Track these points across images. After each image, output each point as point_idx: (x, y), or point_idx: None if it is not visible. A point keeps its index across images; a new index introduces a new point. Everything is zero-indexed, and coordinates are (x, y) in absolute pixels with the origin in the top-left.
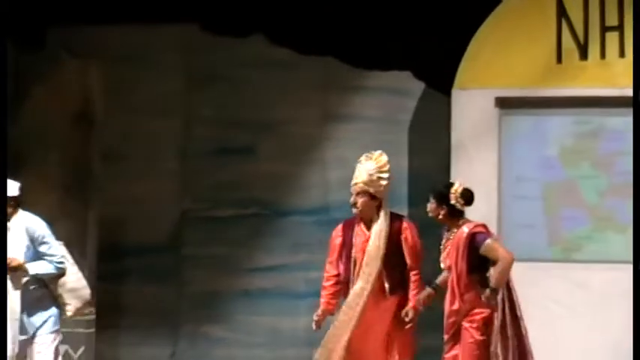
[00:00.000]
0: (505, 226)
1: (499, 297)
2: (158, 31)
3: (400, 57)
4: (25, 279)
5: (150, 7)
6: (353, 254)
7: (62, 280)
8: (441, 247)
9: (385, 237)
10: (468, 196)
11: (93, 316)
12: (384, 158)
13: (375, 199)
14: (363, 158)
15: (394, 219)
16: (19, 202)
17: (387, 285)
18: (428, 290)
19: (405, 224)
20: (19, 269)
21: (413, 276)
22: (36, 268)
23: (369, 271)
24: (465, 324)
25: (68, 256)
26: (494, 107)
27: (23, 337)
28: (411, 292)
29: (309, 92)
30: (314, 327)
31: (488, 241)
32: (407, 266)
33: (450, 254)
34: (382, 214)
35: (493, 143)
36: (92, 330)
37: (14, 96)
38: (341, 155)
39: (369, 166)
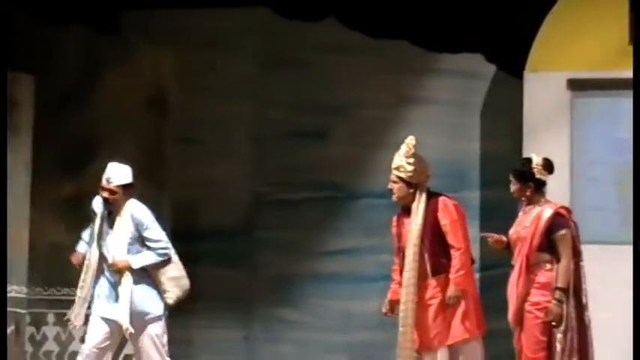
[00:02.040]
0: (577, 208)
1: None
2: (230, 15)
3: (472, 40)
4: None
5: None
6: (402, 242)
7: (164, 268)
8: (516, 220)
9: (422, 218)
10: (549, 165)
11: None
12: (411, 143)
13: (410, 185)
14: (402, 146)
15: (430, 198)
16: (131, 191)
17: (428, 267)
18: (490, 235)
19: (440, 202)
20: (125, 269)
21: (454, 254)
22: (140, 261)
23: (411, 257)
24: (528, 307)
25: (170, 244)
26: (566, 90)
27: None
28: (451, 271)
29: (382, 76)
30: (385, 313)
31: (565, 231)
32: (436, 237)
33: (525, 228)
34: (418, 197)
35: (565, 126)
36: (166, 312)
37: (88, 80)
38: (416, 137)
39: (400, 152)
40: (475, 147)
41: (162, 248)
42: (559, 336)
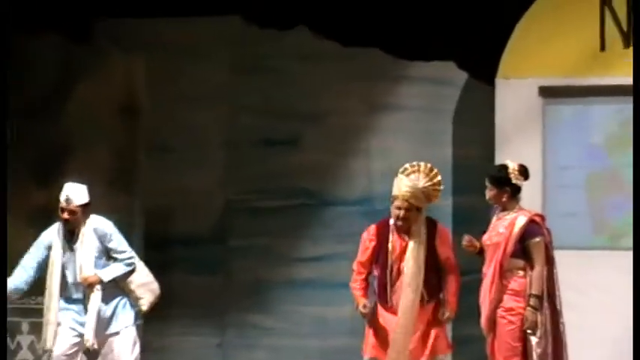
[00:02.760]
0: (549, 214)
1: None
2: (203, 23)
3: (443, 47)
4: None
5: None
6: (390, 259)
7: (132, 277)
8: (490, 226)
9: (424, 248)
10: (525, 171)
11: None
12: (438, 175)
13: (420, 210)
14: (408, 169)
15: (429, 225)
16: (88, 208)
17: (425, 293)
18: (473, 240)
19: (439, 229)
20: (95, 283)
21: (451, 279)
22: (109, 274)
23: (415, 283)
24: (501, 313)
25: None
26: (537, 96)
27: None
28: (450, 295)
29: (354, 83)
30: (363, 315)
31: (539, 239)
32: (441, 270)
33: (499, 234)
34: (420, 222)
35: (537, 132)
36: (140, 321)
37: (61, 87)
38: (385, 145)
39: (421, 183)
40: (447, 154)
41: (128, 258)
42: (535, 343)
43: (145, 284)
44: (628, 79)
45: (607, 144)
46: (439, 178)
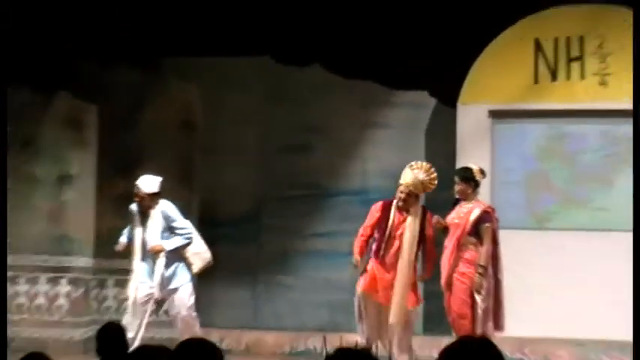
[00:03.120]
0: (496, 203)
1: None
2: (242, 61)
3: (419, 80)
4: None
5: (236, 43)
6: (389, 229)
7: (189, 247)
8: (452, 210)
9: (419, 223)
10: (483, 172)
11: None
12: (434, 172)
13: (417, 197)
14: (413, 166)
15: (422, 209)
16: (159, 196)
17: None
18: (440, 220)
19: (427, 213)
20: (160, 252)
21: (431, 249)
22: (171, 244)
23: (410, 248)
24: (456, 276)
25: (193, 229)
26: (487, 117)
27: (163, 290)
28: (429, 261)
29: (353, 106)
30: (355, 265)
31: (488, 225)
32: (424, 242)
33: (460, 218)
34: (417, 205)
35: (487, 144)
36: (194, 280)
37: (137, 108)
38: (376, 153)
39: (421, 176)
40: (421, 159)
41: (187, 233)
42: (480, 300)
43: (198, 253)
44: (555, 105)
45: (538, 153)
46: (435, 175)
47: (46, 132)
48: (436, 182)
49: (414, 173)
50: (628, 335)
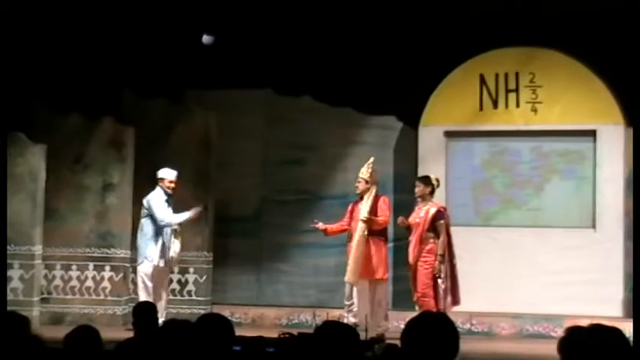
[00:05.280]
0: (450, 205)
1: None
2: (249, 92)
3: (389, 106)
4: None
5: (244, 78)
6: (354, 218)
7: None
8: (413, 211)
9: (370, 205)
10: (439, 180)
11: (211, 258)
12: (370, 161)
13: (367, 183)
14: (364, 165)
15: (375, 195)
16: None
17: (366, 230)
18: (404, 220)
19: (380, 197)
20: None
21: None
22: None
23: (360, 226)
24: (420, 263)
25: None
26: (443, 137)
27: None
28: (377, 220)
29: (337, 127)
30: (315, 226)
31: (442, 221)
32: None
33: (420, 217)
34: (370, 192)
35: (442, 158)
36: (210, 266)
37: (165, 130)
38: (356, 164)
39: (364, 169)
40: (390, 171)
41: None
42: (440, 281)
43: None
44: (496, 126)
45: (483, 165)
46: (370, 162)
47: (93, 150)
48: (369, 167)
49: (363, 169)
50: (556, 309)
